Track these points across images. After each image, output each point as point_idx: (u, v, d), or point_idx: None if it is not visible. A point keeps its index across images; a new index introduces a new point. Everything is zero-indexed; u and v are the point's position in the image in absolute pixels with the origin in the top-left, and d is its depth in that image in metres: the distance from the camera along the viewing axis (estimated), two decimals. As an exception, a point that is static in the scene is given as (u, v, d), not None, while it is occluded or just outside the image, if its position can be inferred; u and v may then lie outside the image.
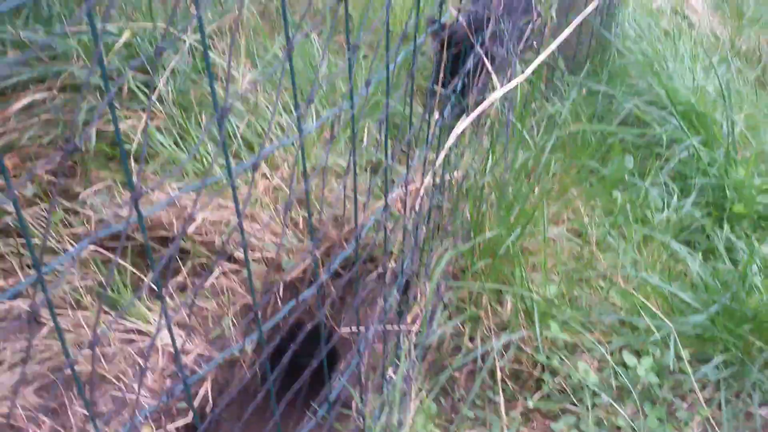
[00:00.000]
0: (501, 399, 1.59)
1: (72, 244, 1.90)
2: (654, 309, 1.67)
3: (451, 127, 1.48)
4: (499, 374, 1.62)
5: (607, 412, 1.55)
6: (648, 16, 3.44)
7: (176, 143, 2.06)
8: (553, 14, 2.02)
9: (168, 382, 1.72)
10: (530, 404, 1.60)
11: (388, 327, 1.50)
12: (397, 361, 1.55)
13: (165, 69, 2.15)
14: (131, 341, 1.76)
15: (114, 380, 1.67)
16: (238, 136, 2.14)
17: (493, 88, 1.45)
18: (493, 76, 1.43)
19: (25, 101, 2.02)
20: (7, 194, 0.55)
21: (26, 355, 0.91)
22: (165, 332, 1.77)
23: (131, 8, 2.51)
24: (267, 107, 2.26)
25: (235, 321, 1.85)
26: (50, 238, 1.91)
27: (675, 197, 2.13)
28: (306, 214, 2.04)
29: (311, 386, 1.32)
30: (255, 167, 0.75)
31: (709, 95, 2.50)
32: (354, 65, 0.90)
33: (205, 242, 1.93)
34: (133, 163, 1.99)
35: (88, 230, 1.95)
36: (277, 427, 1.09)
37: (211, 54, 2.34)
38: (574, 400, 1.59)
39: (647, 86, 2.56)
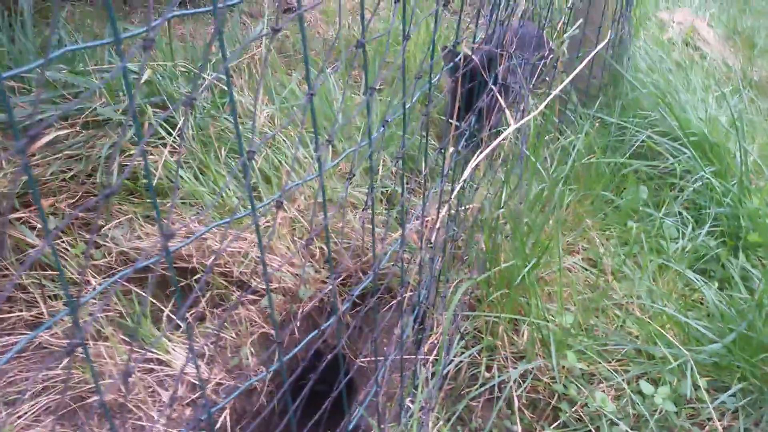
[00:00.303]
0: (518, 428, 1.60)
1: (94, 276, 1.94)
2: (670, 338, 1.68)
3: (466, 160, 1.52)
4: (516, 403, 1.63)
5: (625, 441, 1.55)
6: (659, 48, 3.48)
7: (196, 177, 2.10)
8: (565, 50, 2.06)
9: (188, 411, 1.74)
10: (547, 434, 1.60)
11: (406, 356, 1.52)
12: (414, 391, 1.56)
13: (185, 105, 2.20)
14: (151, 371, 1.79)
15: (134, 409, 1.70)
16: (256, 169, 2.18)
17: (507, 123, 1.48)
18: (507, 112, 1.46)
19: (48, 138, 2.07)
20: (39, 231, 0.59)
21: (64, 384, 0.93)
22: (184, 361, 1.79)
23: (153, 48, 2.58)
24: (284, 141, 2.30)
25: (253, 350, 1.87)
26: (72, 270, 1.95)
27: (690, 227, 2.15)
28: (323, 246, 2.07)
29: (328, 415, 1.34)
30: (279, 205, 0.78)
31: (721, 126, 2.52)
32: (372, 106, 0.93)
33: (223, 273, 1.96)
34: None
35: (110, 262, 1.99)
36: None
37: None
38: (592, 429, 1.59)
39: (660, 118, 2.59)
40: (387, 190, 2.25)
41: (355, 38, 3.30)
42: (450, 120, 1.38)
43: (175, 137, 2.13)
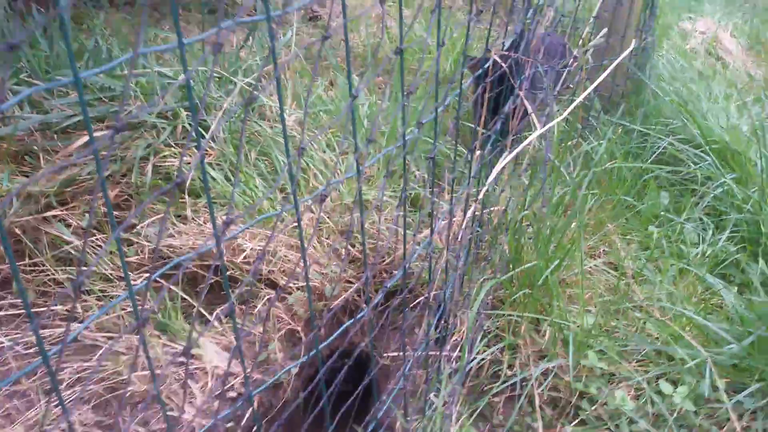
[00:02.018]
0: (539, 425, 1.64)
1: (129, 272, 2.01)
2: (690, 339, 1.71)
3: (492, 164, 1.57)
4: (537, 401, 1.67)
5: (644, 439, 1.59)
6: (682, 57, 3.51)
7: (227, 178, 2.17)
8: (590, 58, 2.11)
9: (216, 403, 1.80)
10: (568, 430, 1.63)
11: (430, 353, 1.56)
12: (438, 386, 1.60)
13: (218, 110, 2.27)
14: (181, 363, 1.85)
15: (166, 400, 1.76)
16: (284, 171, 2.24)
17: (532, 128, 1.53)
18: (533, 117, 1.51)
19: (85, 139, 2.15)
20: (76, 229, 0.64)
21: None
22: (214, 355, 1.85)
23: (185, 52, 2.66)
24: (311, 144, 2.36)
25: (280, 346, 1.93)
26: (105, 266, 2.02)
27: (710, 232, 2.18)
28: (349, 246, 2.13)
29: (350, 412, 1.39)
30: (322, 198, 0.83)
31: (743, 134, 2.55)
32: (406, 111, 0.99)
33: (253, 273, 2.02)
34: (187, 197, 2.10)
35: (142, 260, 2.06)
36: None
37: (260, 95, 2.46)
38: (611, 427, 1.62)
39: (681, 125, 2.62)
40: (411, 193, 2.30)
41: (381, 46, 3.36)
42: (475, 125, 1.43)
43: (207, 140, 2.19)
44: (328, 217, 2.17)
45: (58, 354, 0.61)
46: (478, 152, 1.45)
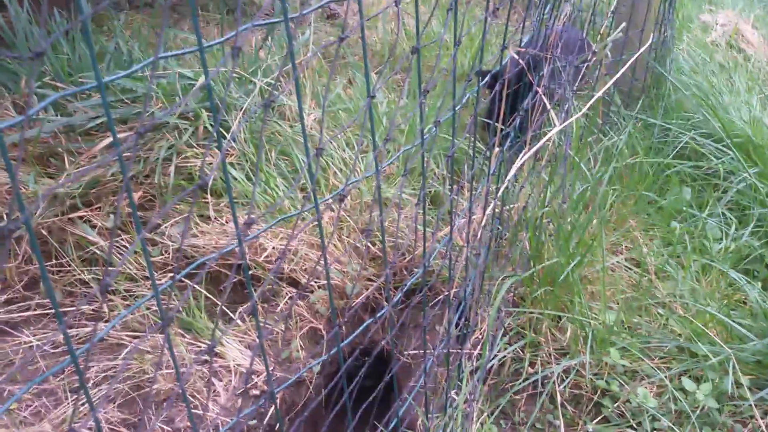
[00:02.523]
0: (561, 423, 1.64)
1: (154, 272, 2.03)
2: (713, 336, 1.70)
3: (511, 161, 1.57)
4: (558, 398, 1.67)
5: (667, 436, 1.58)
6: (702, 50, 3.47)
7: (248, 177, 2.19)
8: (609, 53, 2.09)
9: (239, 401, 1.82)
10: (590, 428, 1.63)
11: (451, 350, 1.57)
12: (459, 383, 1.61)
13: (238, 110, 2.29)
14: (205, 362, 1.87)
15: (190, 398, 1.78)
16: (305, 170, 2.26)
17: (551, 123, 1.53)
18: (552, 113, 1.50)
19: (108, 140, 2.17)
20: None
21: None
22: (237, 353, 1.87)
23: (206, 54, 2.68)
24: (331, 143, 2.38)
25: (302, 344, 1.94)
26: (130, 266, 2.05)
27: (733, 227, 2.16)
28: (369, 244, 2.14)
29: (370, 410, 1.40)
30: (341, 198, 0.84)
31: (765, 127, 2.52)
32: (424, 108, 0.99)
33: (275, 271, 2.04)
34: (209, 197, 2.12)
35: (166, 259, 2.08)
36: (352, 438, 1.16)
37: (279, 95, 2.47)
38: (633, 425, 1.62)
39: (703, 119, 2.60)
40: (431, 191, 2.31)
41: (398, 43, 3.36)
42: (491, 122, 1.43)
43: (228, 140, 2.21)
44: (348, 216, 2.18)
45: (85, 353, 0.62)
46: (497, 149, 1.45)
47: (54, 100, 0.59)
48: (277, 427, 1.83)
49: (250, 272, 2.08)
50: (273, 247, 2.04)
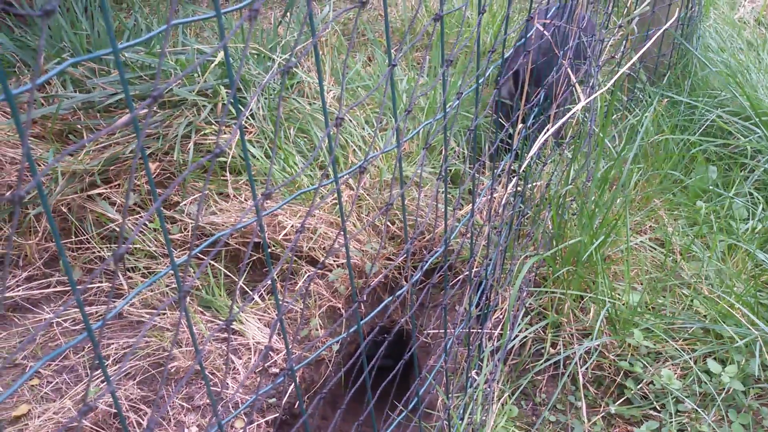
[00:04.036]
0: (583, 404, 1.61)
1: (173, 249, 2.03)
2: (739, 317, 1.67)
3: (534, 138, 1.53)
4: (581, 379, 1.65)
5: (691, 418, 1.55)
6: (730, 27, 3.39)
7: (266, 155, 2.17)
8: (635, 27, 2.04)
9: (258, 378, 1.82)
10: (612, 409, 1.61)
11: (472, 330, 1.55)
12: (479, 363, 1.59)
13: (257, 87, 2.27)
14: (224, 339, 1.87)
15: (210, 375, 1.78)
16: (323, 148, 2.24)
17: (576, 99, 1.49)
18: (577, 87, 1.47)
19: (127, 117, 2.16)
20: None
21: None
22: (256, 331, 1.87)
23: (224, 29, 2.66)
24: (350, 120, 2.35)
25: (321, 323, 1.93)
26: (150, 244, 2.05)
27: (760, 207, 2.11)
28: (388, 223, 2.12)
29: (388, 390, 1.38)
30: (362, 170, 0.82)
31: (795, 106, 2.46)
32: (446, 81, 0.96)
33: (292, 248, 2.03)
34: (228, 174, 2.11)
35: (186, 237, 2.08)
36: (371, 417, 1.15)
37: (298, 72, 2.45)
38: (657, 406, 1.59)
39: (730, 97, 2.53)
40: (451, 170, 2.28)
41: (418, 20, 3.32)
42: (516, 99, 1.40)
43: (247, 117, 2.19)
44: (367, 194, 2.16)
45: (100, 328, 0.61)
46: (520, 125, 1.42)
47: (66, 66, 0.57)
48: (296, 404, 1.83)
49: (270, 250, 2.07)
50: (291, 225, 2.03)
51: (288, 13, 2.72)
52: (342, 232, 0.87)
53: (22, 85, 2.25)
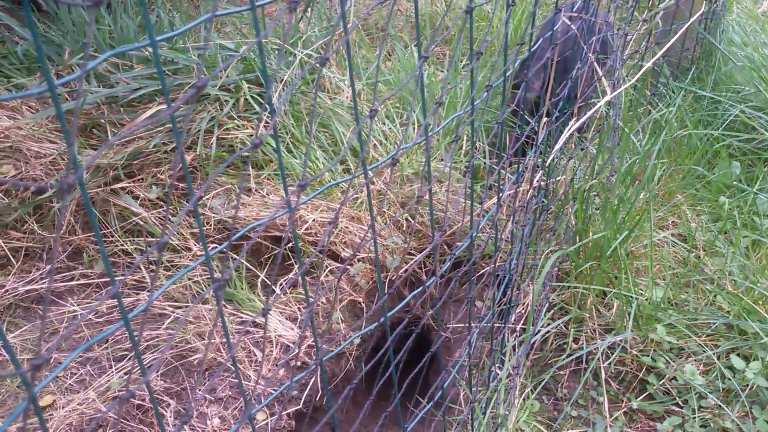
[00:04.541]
0: (605, 399, 1.61)
1: (195, 243, 2.05)
2: (764, 313, 1.65)
3: (559, 132, 1.53)
4: (603, 375, 1.64)
5: (714, 414, 1.54)
6: (754, 22, 3.35)
7: (288, 150, 2.18)
8: (659, 21, 2.02)
9: (282, 372, 1.83)
10: (634, 405, 1.61)
11: (495, 324, 1.55)
12: (502, 358, 1.59)
13: (278, 82, 2.28)
14: (247, 332, 1.88)
15: (232, 368, 1.79)
16: (345, 143, 2.24)
17: (602, 93, 1.48)
18: (603, 80, 1.46)
19: (151, 111, 2.18)
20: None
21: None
22: (278, 324, 1.88)
23: (245, 25, 2.68)
24: (380, 108, 2.35)
25: (342, 317, 1.94)
26: (172, 238, 2.06)
27: (785, 203, 2.09)
28: (409, 218, 2.12)
29: (411, 386, 1.38)
30: (394, 162, 0.82)
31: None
32: (476, 72, 0.96)
33: (314, 242, 2.04)
34: (251, 169, 2.12)
35: (208, 230, 2.09)
36: (397, 410, 1.16)
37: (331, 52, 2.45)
38: (679, 402, 1.59)
39: (754, 91, 2.51)
40: (476, 165, 2.27)
41: (438, 14, 3.31)
42: (542, 95, 1.39)
43: (267, 111, 2.20)
44: (389, 190, 2.17)
45: (138, 319, 0.62)
46: (544, 119, 1.41)
47: (106, 57, 0.57)
48: (317, 397, 1.84)
49: (291, 245, 2.08)
50: (313, 220, 2.04)
51: (308, 9, 2.73)
52: (369, 228, 0.87)
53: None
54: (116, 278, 2.02)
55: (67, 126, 0.51)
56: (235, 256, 2.03)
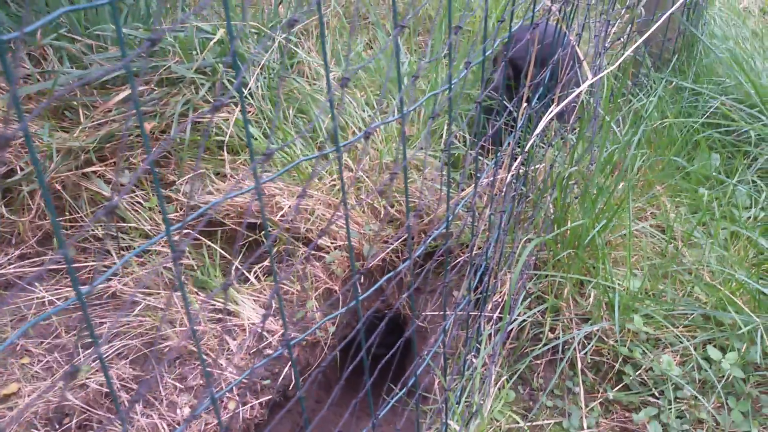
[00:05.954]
0: (581, 389, 1.60)
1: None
2: (740, 304, 1.65)
3: (538, 118, 1.51)
4: (579, 364, 1.63)
5: (690, 405, 1.54)
6: (735, 16, 3.36)
7: (265, 135, 2.14)
8: (641, 9, 2.01)
9: (254, 360, 1.80)
10: (610, 395, 1.59)
11: (470, 313, 1.53)
12: (478, 347, 1.57)
13: (256, 66, 2.24)
14: (219, 320, 1.85)
15: (204, 356, 1.76)
16: (323, 129, 2.21)
17: (582, 80, 1.46)
18: (584, 65, 1.44)
19: (124, 94, 2.13)
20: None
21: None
22: (251, 312, 1.85)
23: (223, 7, 2.63)
24: (350, 102, 2.32)
25: (317, 305, 1.91)
26: (145, 224, 2.02)
27: (763, 195, 2.09)
28: (386, 205, 2.09)
29: (384, 376, 1.36)
30: (367, 136, 0.79)
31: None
32: (455, 46, 0.93)
33: (289, 229, 2.00)
34: (226, 154, 2.08)
35: (181, 216, 2.05)
36: (368, 398, 1.13)
37: (299, 51, 2.42)
38: (656, 393, 1.58)
39: (735, 84, 2.51)
40: (454, 154, 2.25)
41: (418, 1, 3.27)
42: (522, 78, 1.37)
43: (245, 96, 2.16)
44: (366, 176, 2.14)
45: (89, 293, 0.58)
46: (524, 105, 1.39)
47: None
48: (290, 386, 1.81)
49: (266, 231, 2.05)
50: (289, 206, 2.00)
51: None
52: (342, 204, 0.84)
53: (20, 62, 2.21)
54: (67, 241, 1.97)
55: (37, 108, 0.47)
56: (208, 242, 1.99)
